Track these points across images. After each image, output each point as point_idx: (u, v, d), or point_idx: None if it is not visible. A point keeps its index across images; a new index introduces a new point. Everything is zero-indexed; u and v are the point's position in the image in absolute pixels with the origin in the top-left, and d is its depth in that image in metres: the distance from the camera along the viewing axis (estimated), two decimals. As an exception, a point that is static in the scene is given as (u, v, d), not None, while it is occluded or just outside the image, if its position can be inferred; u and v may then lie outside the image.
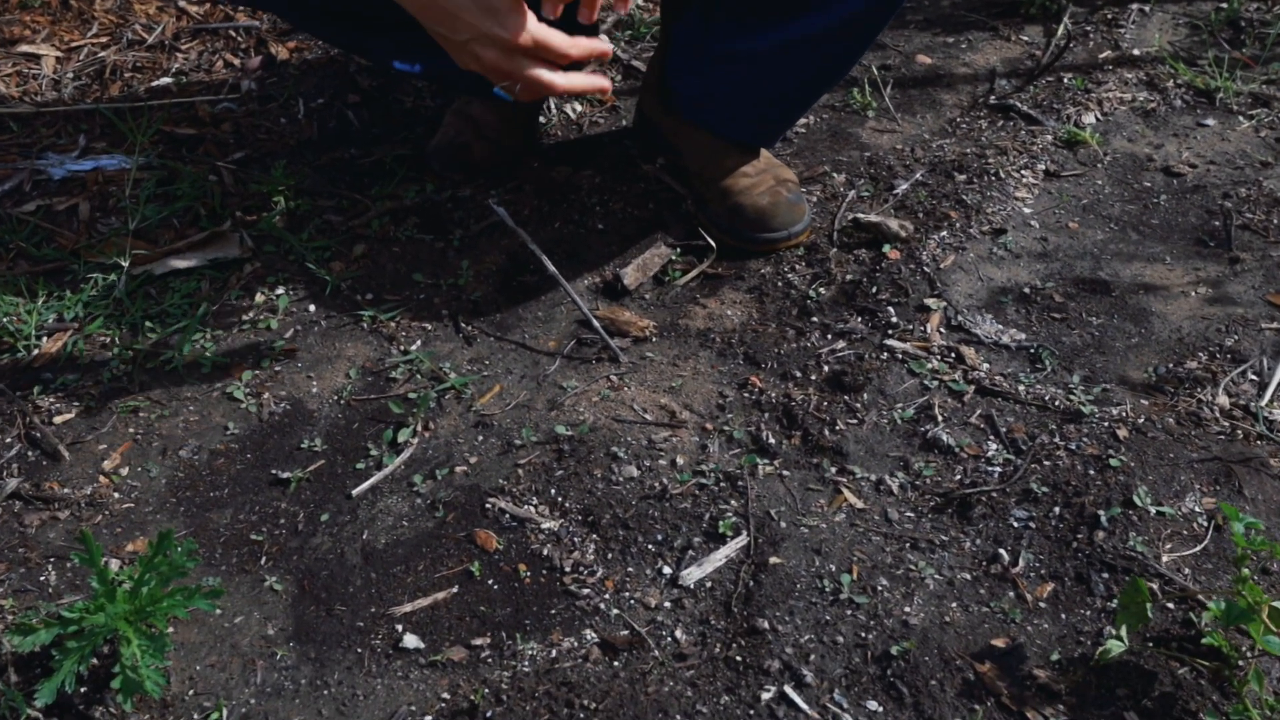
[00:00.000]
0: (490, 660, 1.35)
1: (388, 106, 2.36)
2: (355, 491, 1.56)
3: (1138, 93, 2.38)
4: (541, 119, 2.29)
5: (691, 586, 1.42)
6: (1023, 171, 2.16)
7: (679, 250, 1.97)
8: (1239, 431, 1.58)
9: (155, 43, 2.56)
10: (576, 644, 1.36)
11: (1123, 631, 1.26)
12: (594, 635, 1.37)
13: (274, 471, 1.60)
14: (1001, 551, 1.43)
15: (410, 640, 1.38)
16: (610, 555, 1.46)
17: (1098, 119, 2.30)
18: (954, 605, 1.38)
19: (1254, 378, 1.68)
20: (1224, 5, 2.65)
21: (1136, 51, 2.52)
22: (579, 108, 2.35)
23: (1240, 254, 1.93)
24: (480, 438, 1.64)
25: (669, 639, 1.37)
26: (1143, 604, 1.23)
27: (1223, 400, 1.65)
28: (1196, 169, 2.16)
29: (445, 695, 1.32)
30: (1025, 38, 2.60)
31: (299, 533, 1.52)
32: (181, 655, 1.36)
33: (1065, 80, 2.42)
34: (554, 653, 1.36)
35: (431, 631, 1.39)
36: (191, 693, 1.33)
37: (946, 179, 2.14)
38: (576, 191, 2.11)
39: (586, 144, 2.27)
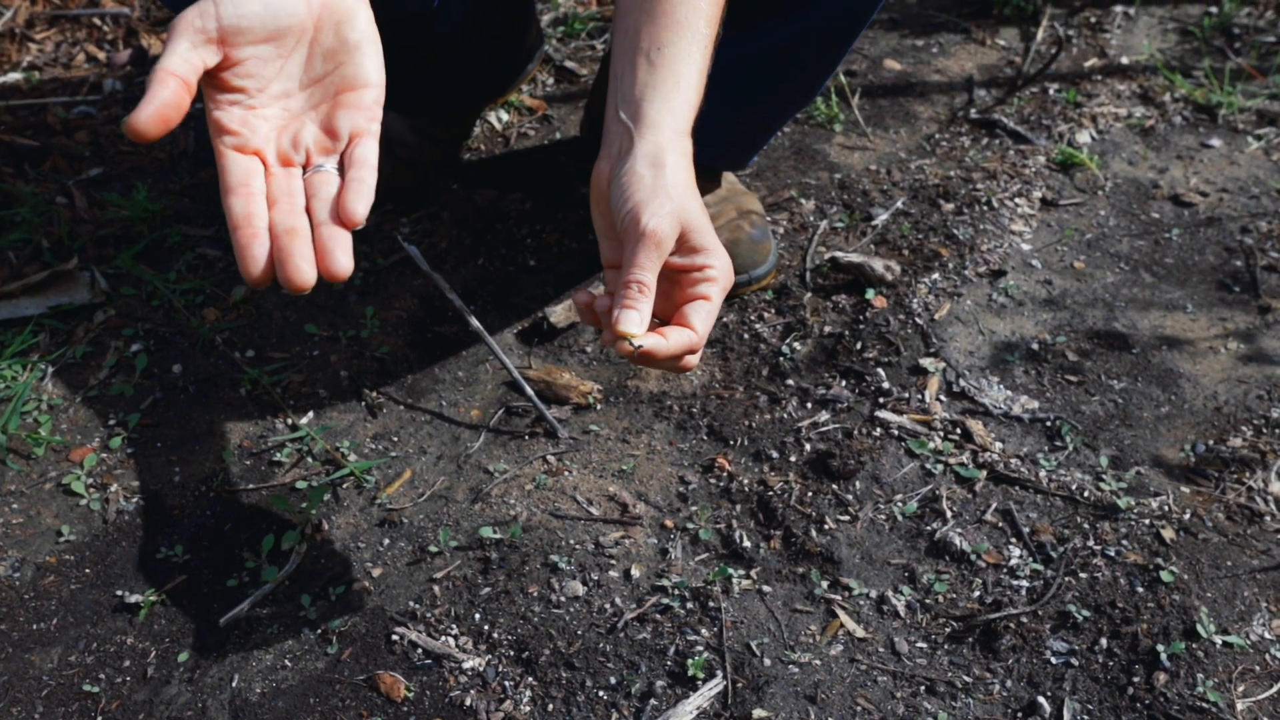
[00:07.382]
0: None
1: (279, 113, 2.01)
2: (224, 620, 1.23)
3: (1133, 107, 2.12)
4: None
5: (655, 751, 1.12)
6: (1017, 200, 1.88)
7: (625, 293, 1.66)
8: (1301, 529, 1.33)
9: (3, 30, 2.17)
10: (509, 838, 1.05)
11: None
12: (532, 825, 1.06)
13: (119, 593, 1.26)
14: (1040, 700, 1.15)
15: (290, 839, 1.05)
16: (551, 706, 1.15)
17: (1093, 138, 2.04)
18: (988, 777, 1.09)
19: (1308, 458, 1.42)
20: (1213, 10, 2.40)
21: (1125, 60, 2.25)
22: (505, 116, 2.02)
23: (1270, 301, 1.68)
24: (386, 542, 1.32)
25: (629, 830, 1.06)
26: (1247, 801, 0.95)
27: (1277, 488, 1.38)
28: (1208, 198, 1.90)
29: None
30: (1001, 41, 2.32)
31: (148, 680, 1.18)
32: None
33: (1051, 92, 2.15)
34: None
35: (319, 823, 1.07)
36: None
37: (931, 208, 1.85)
38: (504, 220, 1.79)
39: (515, 161, 1.94)
